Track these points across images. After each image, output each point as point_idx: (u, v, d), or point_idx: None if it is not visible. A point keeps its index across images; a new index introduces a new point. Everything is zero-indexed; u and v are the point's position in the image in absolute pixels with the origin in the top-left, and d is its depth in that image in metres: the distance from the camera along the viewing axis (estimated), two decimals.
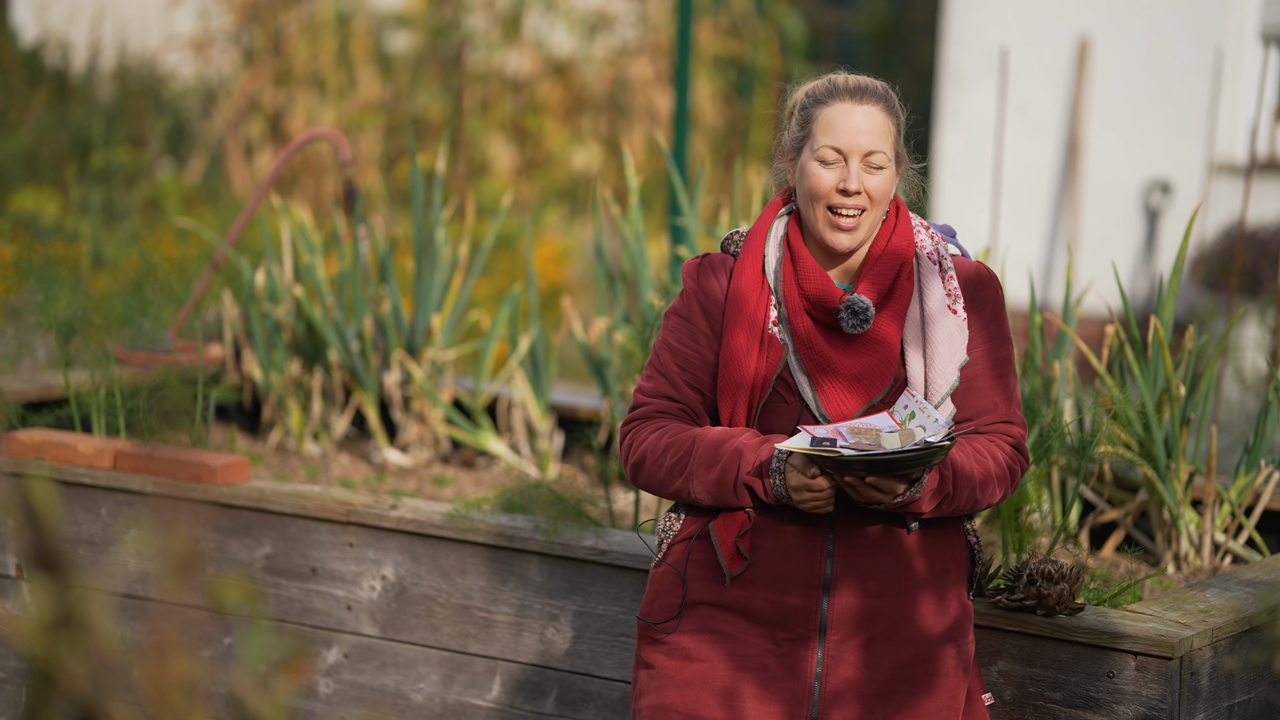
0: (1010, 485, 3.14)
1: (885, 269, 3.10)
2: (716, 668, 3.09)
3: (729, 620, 3.10)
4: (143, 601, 4.25)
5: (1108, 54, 10.00)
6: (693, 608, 3.12)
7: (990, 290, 3.17)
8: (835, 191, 3.05)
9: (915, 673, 3.08)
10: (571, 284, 10.39)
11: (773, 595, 3.07)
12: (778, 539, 3.08)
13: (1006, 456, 3.13)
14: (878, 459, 2.90)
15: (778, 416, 3.09)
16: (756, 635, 3.08)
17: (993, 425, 3.14)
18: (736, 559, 3.09)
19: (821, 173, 3.07)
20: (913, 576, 3.09)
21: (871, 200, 3.07)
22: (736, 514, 3.10)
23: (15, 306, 4.75)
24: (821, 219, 3.08)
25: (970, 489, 3.06)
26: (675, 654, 3.12)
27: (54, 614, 1.59)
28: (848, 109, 3.07)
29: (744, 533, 3.08)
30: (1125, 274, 9.89)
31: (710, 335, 3.14)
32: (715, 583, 3.12)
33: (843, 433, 2.97)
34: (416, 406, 5.06)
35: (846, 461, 2.92)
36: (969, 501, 3.07)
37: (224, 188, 11.80)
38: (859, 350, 3.09)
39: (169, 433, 4.41)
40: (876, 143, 3.07)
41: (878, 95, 3.10)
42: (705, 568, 3.13)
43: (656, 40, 12.72)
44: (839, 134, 3.06)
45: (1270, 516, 4.25)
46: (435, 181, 5.11)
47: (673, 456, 3.11)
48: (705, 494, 3.08)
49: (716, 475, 3.06)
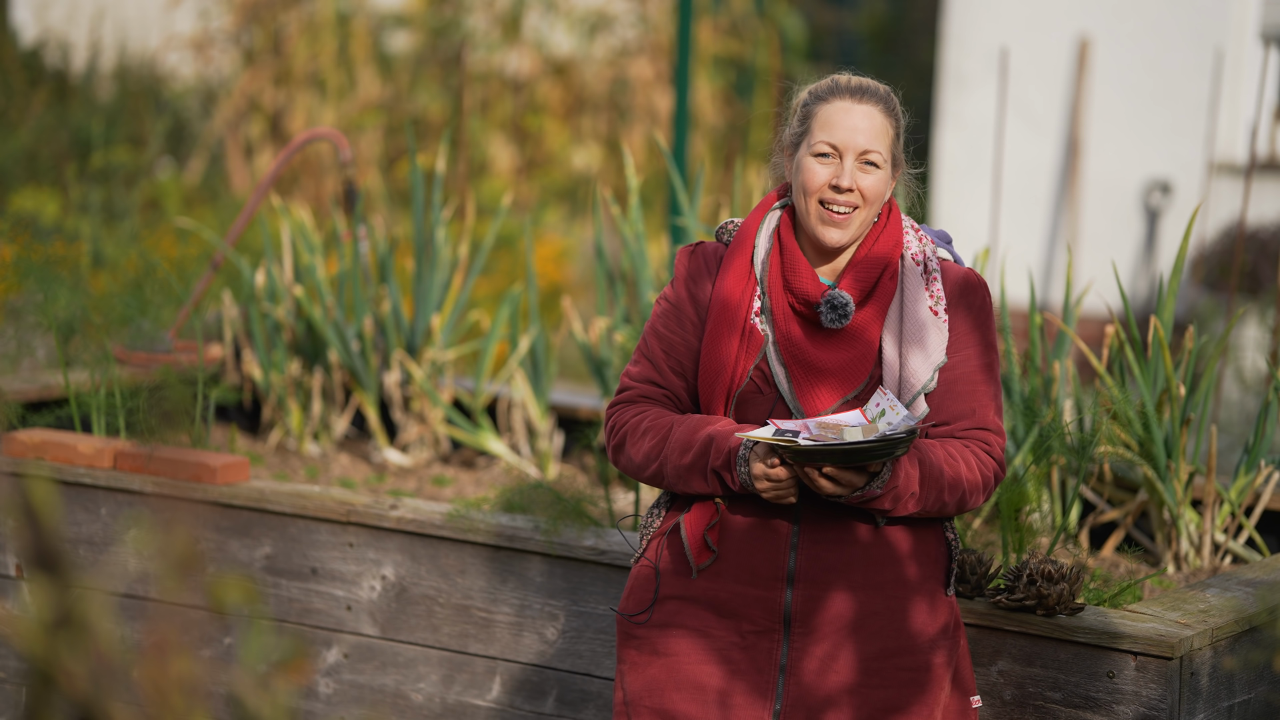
0: (984, 492, 3.14)
1: (869, 268, 3.13)
2: (683, 662, 3.12)
3: (696, 614, 3.13)
4: (143, 601, 4.25)
5: (1108, 54, 9.99)
6: (663, 602, 3.16)
7: (977, 296, 3.18)
8: (828, 187, 3.09)
9: (884, 667, 3.09)
10: (571, 284, 10.39)
11: (738, 588, 3.10)
12: (744, 532, 3.11)
13: (979, 462, 3.13)
14: (834, 449, 2.93)
15: (753, 407, 3.12)
16: (722, 628, 3.11)
17: (969, 430, 3.15)
18: (704, 552, 3.12)
19: (816, 168, 3.10)
20: (881, 571, 3.10)
21: (864, 199, 3.09)
22: (706, 508, 3.12)
23: (15, 306, 4.75)
24: (813, 213, 3.11)
25: (938, 490, 3.06)
26: (645, 649, 3.16)
27: (54, 614, 1.59)
28: (847, 107, 3.11)
29: (711, 525, 3.11)
30: (1125, 274, 9.89)
31: (697, 323, 3.17)
32: (685, 576, 3.15)
33: (810, 427, 3.00)
34: (416, 406, 5.06)
35: (804, 451, 2.95)
36: (936, 502, 3.07)
37: (224, 188, 11.80)
38: (837, 346, 3.11)
39: (169, 433, 4.41)
40: (872, 142, 3.09)
41: (878, 96, 3.14)
42: (676, 562, 3.16)
43: (656, 40, 12.72)
44: (836, 130, 3.10)
45: (1270, 516, 4.25)
46: (435, 181, 5.11)
47: (650, 441, 3.14)
48: (677, 479, 3.11)
49: (689, 461, 3.09)
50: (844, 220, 3.09)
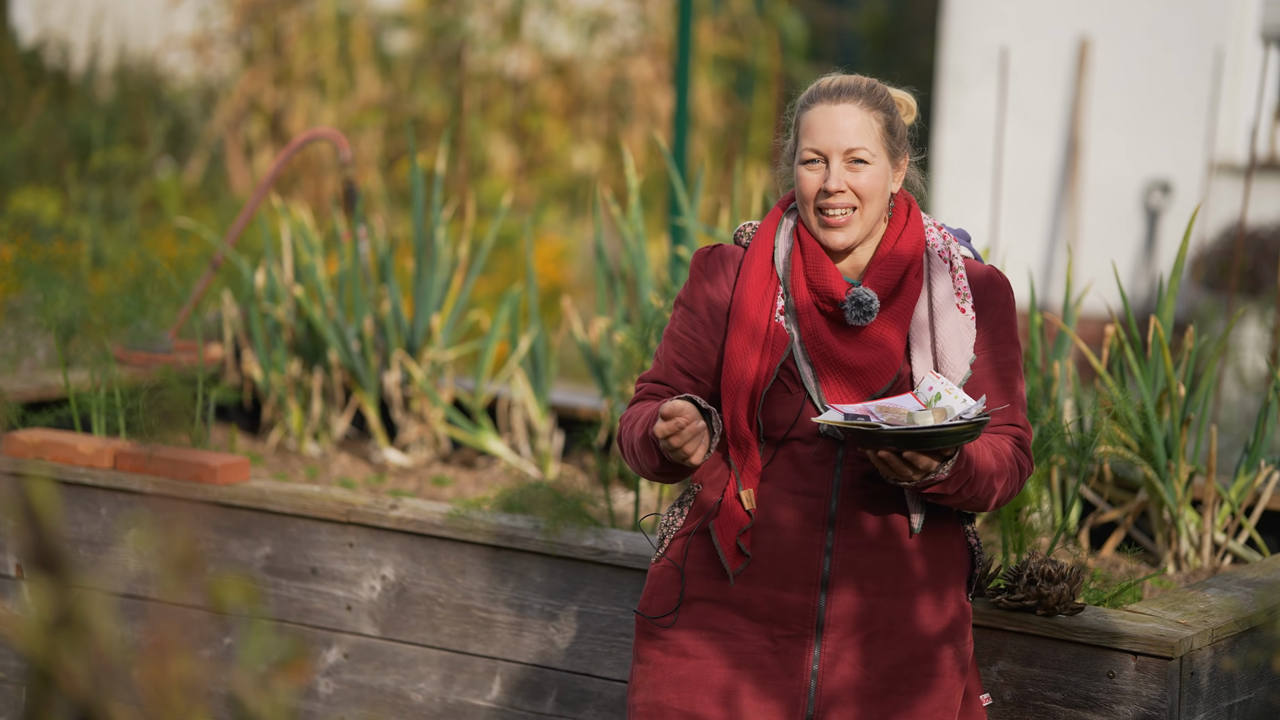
0: (1017, 484, 3.15)
1: (893, 266, 3.12)
2: (713, 665, 3.10)
3: (726, 617, 3.11)
4: (143, 601, 4.25)
5: (1108, 54, 10.00)
6: (690, 604, 3.14)
7: (1000, 294, 3.18)
8: (820, 192, 3.09)
9: (912, 673, 3.09)
10: (571, 284, 10.39)
11: (771, 592, 3.09)
12: (777, 536, 3.09)
13: (1015, 454, 3.14)
14: (914, 433, 2.90)
15: (780, 406, 3.11)
16: (754, 632, 3.10)
17: (1000, 426, 3.15)
18: (738, 557, 3.11)
19: (806, 175, 3.11)
20: (911, 576, 3.10)
21: (860, 197, 3.09)
22: (735, 510, 3.11)
23: (15, 306, 4.75)
24: (813, 220, 3.12)
25: (989, 477, 3.06)
26: (671, 650, 3.13)
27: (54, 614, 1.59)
28: (824, 110, 3.11)
29: (744, 530, 3.10)
30: (1125, 274, 9.89)
31: (710, 324, 3.17)
32: (713, 579, 3.13)
33: (871, 410, 2.98)
34: (416, 406, 5.06)
35: (881, 435, 2.92)
36: (986, 490, 3.07)
37: (224, 188, 11.80)
38: (863, 344, 3.10)
39: (169, 433, 4.41)
40: (855, 139, 3.09)
41: (856, 92, 3.12)
42: (704, 563, 3.14)
43: (656, 40, 12.72)
44: (818, 135, 3.10)
45: (1270, 516, 4.25)
46: (435, 181, 5.11)
47: (628, 428, 3.16)
48: (641, 457, 3.12)
49: (641, 434, 3.10)
50: (844, 222, 3.09)
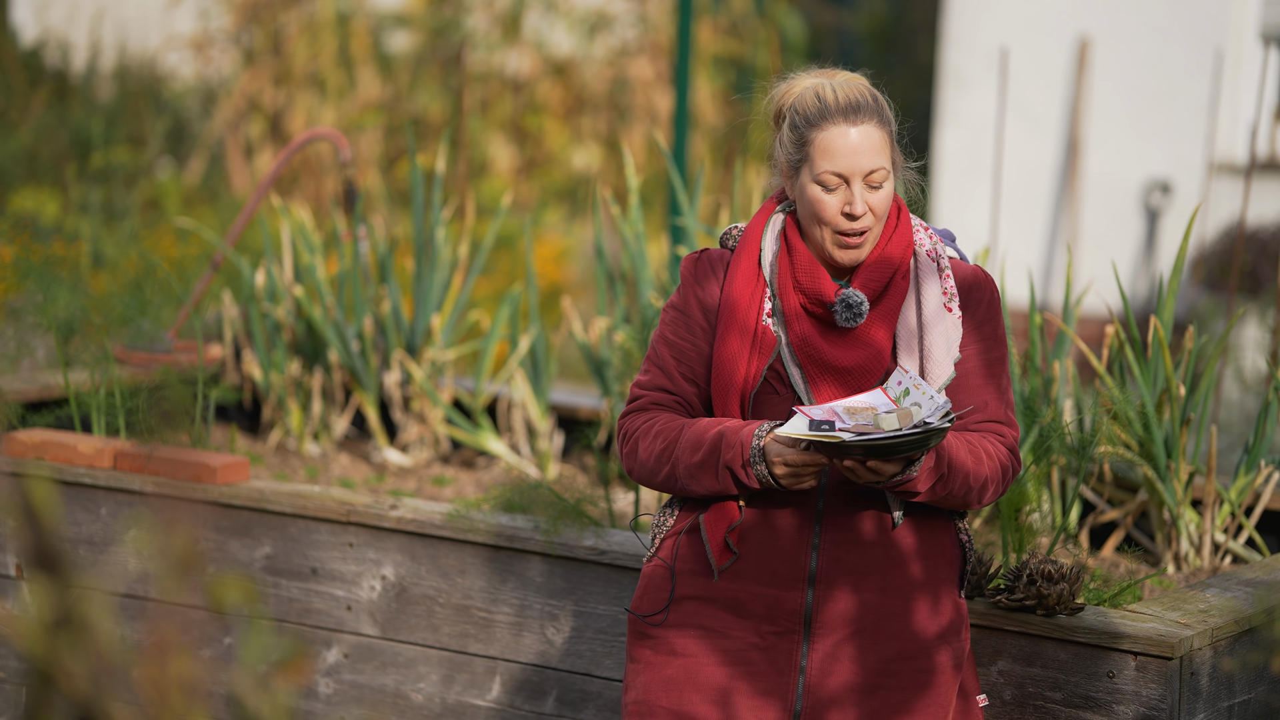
0: (1002, 485, 3.14)
1: (881, 268, 3.12)
2: (701, 662, 3.11)
3: (715, 615, 3.12)
4: (143, 601, 4.25)
5: (1108, 54, 9.99)
6: (680, 602, 3.15)
7: (985, 292, 3.19)
8: (841, 216, 3.07)
9: (901, 669, 3.10)
10: (571, 284, 10.39)
11: (758, 589, 3.10)
12: (765, 533, 3.10)
13: (999, 454, 3.13)
14: (877, 443, 2.91)
15: (769, 408, 3.11)
16: (742, 629, 3.11)
17: (983, 424, 3.16)
18: (725, 553, 3.12)
19: (825, 198, 3.08)
20: (900, 572, 3.10)
21: (875, 216, 3.09)
22: (726, 508, 3.11)
23: (15, 306, 4.75)
24: (829, 240, 3.10)
25: (964, 476, 3.06)
26: (662, 649, 3.15)
27: (54, 614, 1.59)
28: (843, 131, 3.06)
29: (733, 527, 3.10)
30: (1125, 274, 9.89)
31: (705, 328, 3.17)
32: (704, 577, 3.14)
33: (838, 412, 2.98)
34: (416, 406, 5.06)
35: (846, 446, 2.93)
36: (962, 488, 3.07)
37: (224, 188, 11.80)
38: (852, 345, 3.11)
39: (169, 433, 4.41)
40: (875, 160, 3.07)
41: (870, 110, 3.09)
42: (694, 562, 3.15)
43: (656, 40, 12.72)
44: (839, 159, 3.06)
45: (1270, 516, 4.25)
46: (435, 181, 5.11)
47: (661, 444, 3.13)
48: (689, 479, 3.10)
49: (699, 459, 3.08)
50: (860, 241, 3.10)
